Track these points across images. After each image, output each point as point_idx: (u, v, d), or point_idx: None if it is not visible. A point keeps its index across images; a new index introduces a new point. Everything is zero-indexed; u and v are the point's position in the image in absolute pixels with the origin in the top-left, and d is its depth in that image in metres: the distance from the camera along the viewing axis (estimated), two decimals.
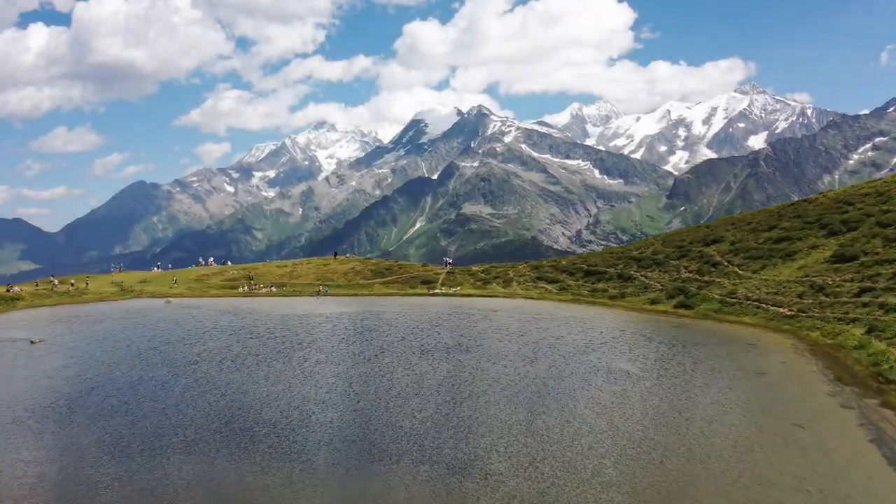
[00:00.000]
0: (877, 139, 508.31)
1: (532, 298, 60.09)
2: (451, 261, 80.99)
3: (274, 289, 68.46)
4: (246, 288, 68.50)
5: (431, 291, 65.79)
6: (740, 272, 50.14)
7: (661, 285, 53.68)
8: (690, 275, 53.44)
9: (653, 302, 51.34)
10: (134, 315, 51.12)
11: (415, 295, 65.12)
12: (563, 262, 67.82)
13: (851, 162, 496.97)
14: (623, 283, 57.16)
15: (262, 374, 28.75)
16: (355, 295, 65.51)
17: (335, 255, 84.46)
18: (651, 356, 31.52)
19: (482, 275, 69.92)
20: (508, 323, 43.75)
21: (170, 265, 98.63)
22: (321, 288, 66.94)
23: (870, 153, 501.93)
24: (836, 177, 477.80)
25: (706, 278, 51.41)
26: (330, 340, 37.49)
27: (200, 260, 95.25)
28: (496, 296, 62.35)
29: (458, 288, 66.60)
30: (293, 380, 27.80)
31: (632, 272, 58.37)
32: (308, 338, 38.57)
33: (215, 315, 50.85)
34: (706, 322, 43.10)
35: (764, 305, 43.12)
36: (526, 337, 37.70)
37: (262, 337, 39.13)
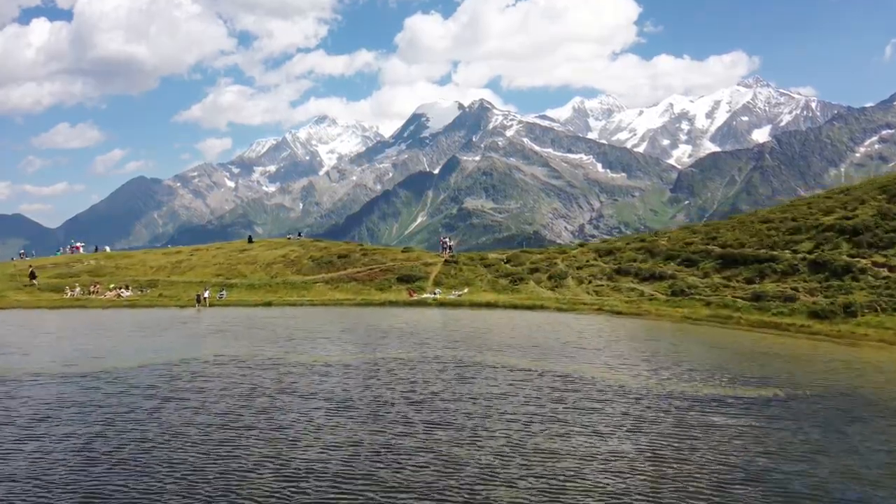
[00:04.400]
0: (883, 132, 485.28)
1: (620, 313, 27.37)
2: (451, 244, 47.67)
3: (127, 292, 35.90)
4: (76, 291, 35.83)
5: (415, 297, 33.30)
6: None
7: None
8: None
9: None
10: None
11: (382, 304, 32.55)
12: (663, 242, 34.86)
13: (858, 155, 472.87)
14: (832, 284, 24.44)
15: None
16: (268, 305, 32.89)
17: (250, 239, 52.29)
18: None
19: (508, 266, 37.19)
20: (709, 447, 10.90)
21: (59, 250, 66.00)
22: (205, 293, 34.38)
23: (876, 146, 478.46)
24: (843, 170, 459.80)
25: None
26: None
27: (73, 243, 64.53)
28: (542, 306, 29.63)
29: (466, 290, 34.06)
30: None
31: (844, 257, 25.56)
32: None
33: None
34: None
35: None
36: None
37: None
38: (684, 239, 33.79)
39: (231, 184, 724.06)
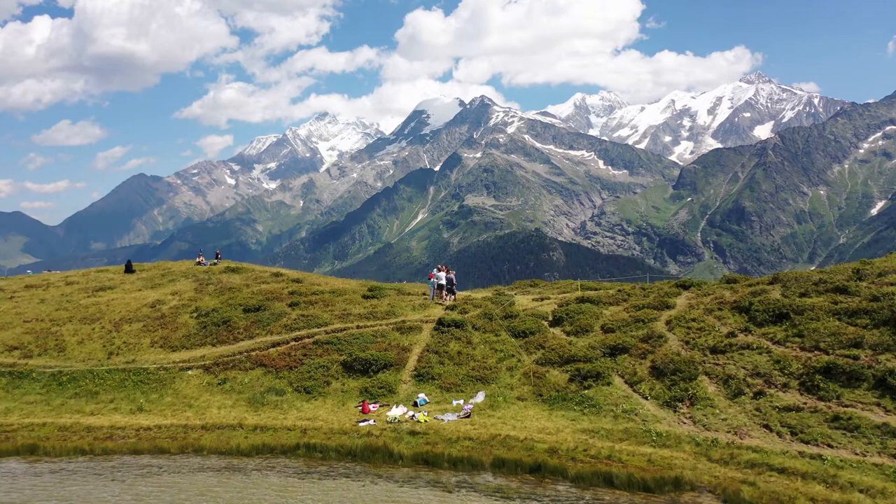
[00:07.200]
0: (888, 127, 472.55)
1: None
2: (452, 276, 26.64)
3: None
4: None
5: (372, 415, 15.39)
6: None
7: None
8: None
9: None
10: None
11: (294, 447, 14.57)
12: None
13: (862, 151, 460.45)
14: None
15: None
16: (32, 452, 14.68)
17: (128, 267, 34.21)
18: None
19: (562, 337, 18.85)
20: None
21: None
22: None
23: (880, 142, 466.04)
24: (846, 166, 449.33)
25: None
26: None
27: None
28: (678, 480, 10.77)
29: (481, 399, 15.98)
30: None
31: None
32: None
33: None
34: None
35: None
36: None
37: None
38: None
39: (231, 181, 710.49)
